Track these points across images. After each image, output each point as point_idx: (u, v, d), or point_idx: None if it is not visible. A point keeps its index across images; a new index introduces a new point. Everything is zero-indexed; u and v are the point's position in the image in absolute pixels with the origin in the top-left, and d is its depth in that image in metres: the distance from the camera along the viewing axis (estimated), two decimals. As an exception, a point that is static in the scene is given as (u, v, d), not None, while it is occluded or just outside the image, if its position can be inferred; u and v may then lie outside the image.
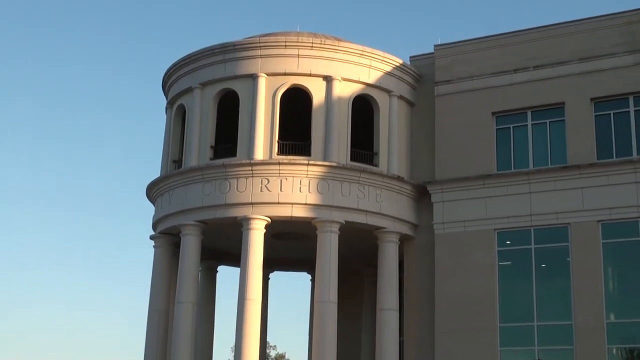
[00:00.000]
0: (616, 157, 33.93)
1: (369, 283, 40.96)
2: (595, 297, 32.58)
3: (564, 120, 35.22)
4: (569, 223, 33.68)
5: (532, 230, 34.72)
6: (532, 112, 36.09)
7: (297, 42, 36.23)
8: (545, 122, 35.90)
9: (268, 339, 52.70)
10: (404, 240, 36.82)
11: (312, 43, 36.15)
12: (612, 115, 34.59)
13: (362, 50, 36.30)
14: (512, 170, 35.72)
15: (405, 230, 36.70)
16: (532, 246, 34.78)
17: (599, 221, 33.26)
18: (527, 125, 36.20)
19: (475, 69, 37.31)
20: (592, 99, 34.65)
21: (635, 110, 34.23)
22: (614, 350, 32.27)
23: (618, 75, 34.42)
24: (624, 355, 32.47)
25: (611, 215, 33.13)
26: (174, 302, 36.40)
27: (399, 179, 36.45)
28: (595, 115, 34.74)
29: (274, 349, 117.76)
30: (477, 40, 38.19)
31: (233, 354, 36.20)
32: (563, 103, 35.12)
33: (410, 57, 39.01)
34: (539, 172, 34.88)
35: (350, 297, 41.02)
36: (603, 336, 32.14)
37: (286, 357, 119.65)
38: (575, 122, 34.80)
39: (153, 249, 39.35)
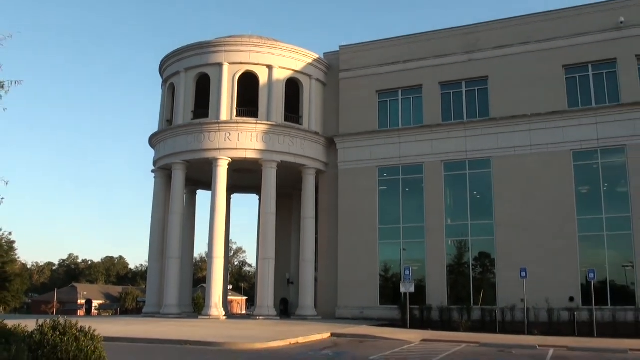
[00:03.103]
0: (453, 120, 40.49)
1: (296, 201, 45.95)
2: (438, 209, 39.61)
3: (421, 96, 41.66)
4: (423, 162, 40.41)
5: (400, 167, 41.07)
6: (401, 90, 42.38)
7: (249, 42, 41.67)
8: (410, 97, 42.23)
9: (231, 238, 57.96)
10: (319, 173, 42.97)
11: (259, 43, 41.68)
12: (452, 93, 41.12)
13: (292, 49, 42.25)
14: (388, 128, 41.95)
15: (320, 166, 42.77)
16: (400, 177, 41.20)
17: (442, 161, 40.05)
18: (398, 99, 42.51)
19: (366, 62, 43.29)
20: (439, 83, 41.21)
21: (466, 91, 40.69)
22: (449, 242, 39.36)
23: (456, 68, 40.94)
24: (455, 244, 39.33)
25: (448, 157, 39.81)
26: (168, 213, 41.71)
27: (316, 133, 42.53)
28: (442, 93, 41.29)
29: (235, 244, 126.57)
30: (368, 43, 44.25)
31: (207, 247, 40.63)
32: (421, 85, 41.63)
33: (324, 53, 44.79)
34: (405, 130, 41.27)
35: (284, 210, 45.72)
36: (443, 233, 39.39)
37: (242, 249, 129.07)
38: (429, 98, 41.33)
39: (154, 179, 44.36)
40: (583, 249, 36.36)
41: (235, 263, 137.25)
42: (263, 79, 41.39)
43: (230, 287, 76.27)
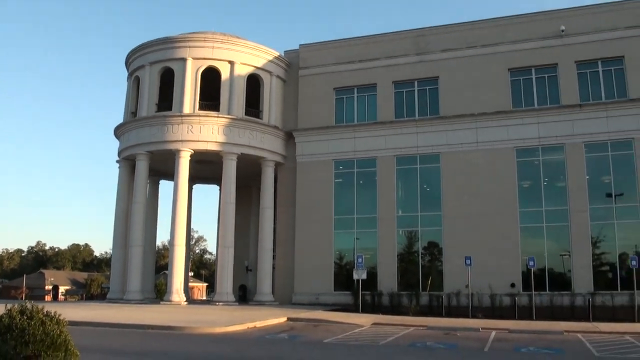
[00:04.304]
0: (406, 117, 40.86)
1: (255, 191, 45.61)
2: (390, 200, 40.07)
3: (376, 94, 41.94)
4: (377, 156, 40.65)
5: (355, 161, 41.30)
6: (357, 88, 42.53)
7: (213, 38, 41.36)
8: (365, 95, 42.43)
9: (192, 227, 57.31)
10: (277, 165, 42.72)
11: (222, 39, 41.39)
12: (404, 92, 41.52)
13: (254, 46, 42.13)
14: (344, 123, 42.16)
15: (279, 159, 42.60)
16: (355, 170, 41.38)
17: (394, 155, 40.36)
18: (354, 96, 42.67)
19: (324, 60, 43.43)
20: (393, 82, 41.57)
21: (418, 90, 41.17)
22: (400, 232, 39.83)
23: (408, 68, 41.44)
24: (405, 234, 39.82)
25: (401, 152, 40.22)
26: (132, 202, 41.26)
27: (275, 127, 42.36)
28: (395, 92, 41.65)
29: (196, 233, 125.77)
30: (326, 42, 44.53)
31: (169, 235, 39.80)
32: (376, 84, 41.92)
33: (285, 51, 44.78)
34: (360, 125, 41.54)
35: (243, 200, 45.31)
36: (394, 223, 39.83)
37: (204, 238, 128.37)
38: (383, 96, 41.66)
39: (118, 169, 43.71)
40: (524, 239, 37.37)
41: (197, 251, 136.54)
42: (225, 74, 41.15)
43: (191, 274, 75.70)
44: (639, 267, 32.53)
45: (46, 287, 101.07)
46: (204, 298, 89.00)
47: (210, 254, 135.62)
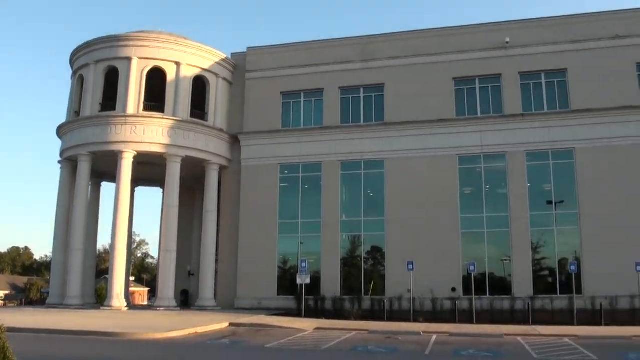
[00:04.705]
0: (351, 122, 41.17)
1: (199, 195, 44.60)
2: (334, 205, 40.22)
3: (322, 99, 42.01)
4: (322, 161, 40.76)
5: (301, 165, 41.28)
6: (304, 93, 42.53)
7: (159, 38, 40.82)
8: (312, 100, 42.44)
9: (134, 230, 56.79)
10: (222, 168, 42.33)
11: (169, 40, 40.88)
12: (350, 98, 41.71)
13: (201, 47, 41.68)
14: (291, 128, 42.07)
15: (223, 162, 42.18)
16: (300, 174, 41.41)
17: (339, 161, 40.59)
18: (301, 101, 42.65)
19: (271, 64, 43.24)
20: (339, 87, 41.68)
21: (364, 96, 41.40)
22: (344, 236, 40.08)
23: (355, 74, 41.65)
24: (349, 238, 40.06)
25: (346, 157, 40.52)
26: (73, 204, 40.20)
27: (220, 130, 42.00)
28: (341, 97, 41.77)
29: (138, 236, 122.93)
30: (274, 46, 44.41)
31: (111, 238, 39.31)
32: (323, 89, 41.98)
33: (232, 53, 44.35)
34: (306, 130, 41.59)
35: (187, 203, 44.77)
36: (338, 228, 39.99)
37: (146, 241, 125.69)
38: (329, 101, 41.74)
39: (60, 170, 42.52)
40: (465, 244, 38.10)
41: (138, 255, 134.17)
42: (171, 75, 40.67)
43: (132, 278, 74.25)
44: (578, 272, 33.80)
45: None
46: (145, 303, 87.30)
47: (152, 258, 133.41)
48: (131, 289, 61.83)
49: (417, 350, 20.94)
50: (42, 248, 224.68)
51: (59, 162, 43.11)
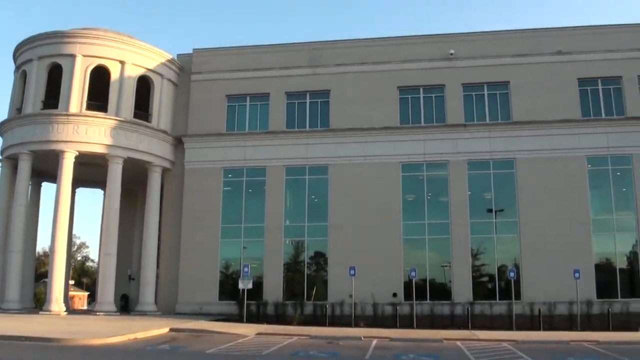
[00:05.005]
0: (297, 128, 41.34)
1: (141, 197, 43.89)
2: (278, 210, 40.09)
3: (268, 104, 41.90)
4: (266, 166, 40.68)
5: (245, 169, 40.98)
6: (250, 97, 42.30)
7: (104, 36, 39.92)
8: (258, 104, 42.19)
9: (74, 232, 55.42)
10: (165, 171, 41.83)
11: (114, 38, 40.06)
12: (296, 103, 41.72)
13: (147, 47, 40.99)
14: (235, 131, 41.79)
15: (166, 164, 41.61)
16: (244, 179, 41.07)
17: (284, 166, 40.64)
18: (246, 105, 42.39)
19: (217, 67, 42.92)
20: (286, 92, 41.71)
21: (310, 102, 41.65)
22: (287, 241, 39.97)
23: (301, 80, 41.78)
24: (292, 244, 40.00)
25: (290, 162, 40.59)
26: (12, 205, 39.07)
27: (164, 132, 41.41)
28: (287, 102, 41.74)
29: (78, 239, 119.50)
30: (221, 49, 44.12)
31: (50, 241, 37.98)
32: (269, 93, 41.89)
33: (178, 55, 43.87)
34: (251, 134, 41.44)
35: (128, 206, 43.93)
36: (281, 233, 39.91)
37: (86, 244, 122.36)
38: (275, 106, 41.67)
39: (0, 168, 41.20)
40: (407, 250, 38.69)
41: (79, 258, 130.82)
42: (115, 74, 39.93)
43: (72, 282, 72.48)
44: (517, 278, 35.28)
45: None
46: (85, 307, 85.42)
47: (93, 261, 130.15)
48: (71, 293, 60.32)
49: (358, 355, 21.14)
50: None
51: (0, 160, 41.84)
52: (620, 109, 39.44)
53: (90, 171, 42.19)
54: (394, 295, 37.20)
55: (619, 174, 38.99)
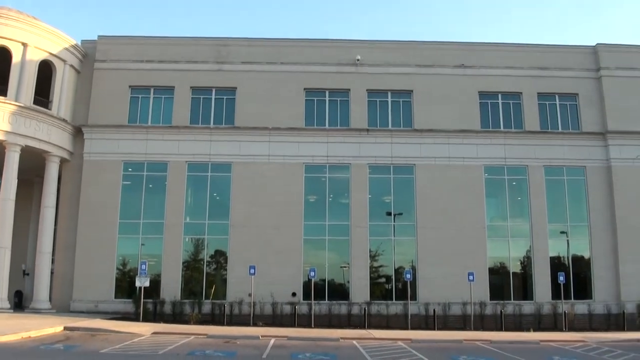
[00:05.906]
0: (201, 124, 40.93)
1: (38, 188, 42.60)
2: (179, 206, 39.67)
3: (173, 97, 41.42)
4: (168, 161, 40.08)
5: (146, 164, 40.29)
6: (154, 89, 41.50)
7: (7, 15, 37.77)
8: (162, 97, 41.58)
9: None
10: (63, 161, 40.25)
11: (17, 18, 38.05)
12: (202, 98, 41.45)
13: (51, 30, 39.29)
14: (137, 124, 40.82)
15: (65, 155, 40.13)
16: (145, 173, 40.35)
17: (186, 162, 40.11)
18: (150, 97, 41.54)
19: (122, 56, 41.98)
20: (191, 87, 41.36)
21: (215, 98, 41.45)
22: (187, 239, 39.66)
23: (208, 75, 41.56)
24: (192, 241, 39.72)
25: (193, 158, 40.13)
26: None
27: (64, 120, 39.88)
28: (192, 97, 41.38)
29: None
30: (126, 37, 43.03)
31: None
32: (173, 87, 41.42)
33: (82, 40, 42.42)
34: (153, 127, 40.76)
35: (24, 197, 41.36)
36: (181, 230, 39.57)
37: None
38: (179, 100, 41.16)
39: None
40: (307, 251, 39.54)
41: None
42: (17, 56, 38.14)
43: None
44: (414, 280, 37.23)
45: None
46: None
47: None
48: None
49: (255, 354, 21.61)
50: None
51: None
52: (519, 122, 42.33)
53: (-16, 160, 39.95)
54: (293, 294, 37.97)
55: (514, 183, 41.80)
